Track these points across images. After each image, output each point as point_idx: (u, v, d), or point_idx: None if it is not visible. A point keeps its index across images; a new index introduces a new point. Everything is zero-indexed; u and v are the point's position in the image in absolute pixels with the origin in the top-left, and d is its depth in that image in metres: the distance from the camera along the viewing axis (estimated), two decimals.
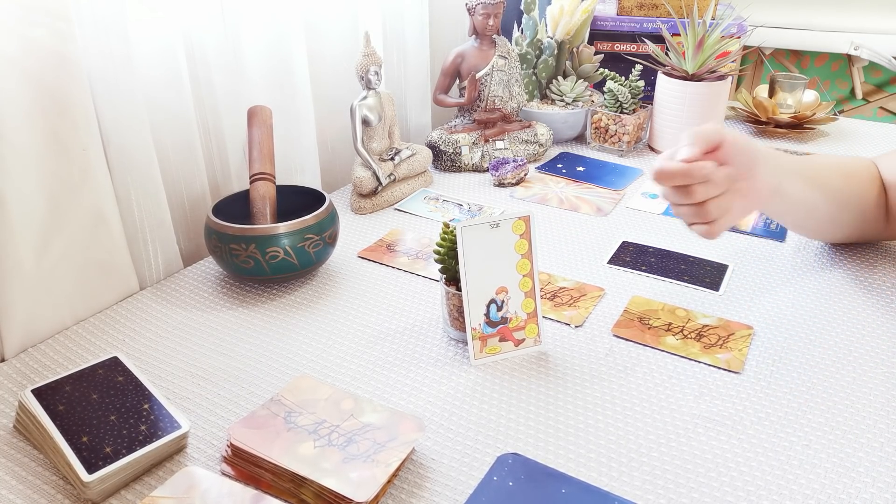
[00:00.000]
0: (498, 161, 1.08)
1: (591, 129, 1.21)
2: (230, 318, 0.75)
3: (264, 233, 0.75)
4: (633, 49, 1.34)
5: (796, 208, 0.75)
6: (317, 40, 1.02)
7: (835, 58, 2.13)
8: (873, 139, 1.25)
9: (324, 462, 0.52)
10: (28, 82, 0.65)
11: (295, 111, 0.97)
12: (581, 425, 0.60)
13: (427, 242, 0.90)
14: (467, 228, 0.65)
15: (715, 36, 1.09)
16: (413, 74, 1.20)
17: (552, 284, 0.80)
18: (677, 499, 0.53)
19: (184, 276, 0.83)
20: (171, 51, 0.80)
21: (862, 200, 0.80)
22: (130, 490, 0.54)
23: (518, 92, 1.13)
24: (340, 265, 0.86)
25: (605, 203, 1.01)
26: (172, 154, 0.84)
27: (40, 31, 0.65)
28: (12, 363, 0.68)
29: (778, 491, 0.53)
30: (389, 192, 1.01)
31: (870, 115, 2.15)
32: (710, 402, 0.62)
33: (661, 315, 0.75)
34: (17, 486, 0.54)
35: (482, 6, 1.05)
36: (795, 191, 0.72)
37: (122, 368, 0.62)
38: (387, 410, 0.58)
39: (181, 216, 0.88)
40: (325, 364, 0.68)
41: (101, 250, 0.75)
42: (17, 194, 0.65)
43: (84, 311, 0.75)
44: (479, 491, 0.53)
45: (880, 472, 0.55)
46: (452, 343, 0.71)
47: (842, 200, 0.78)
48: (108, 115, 0.73)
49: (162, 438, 0.55)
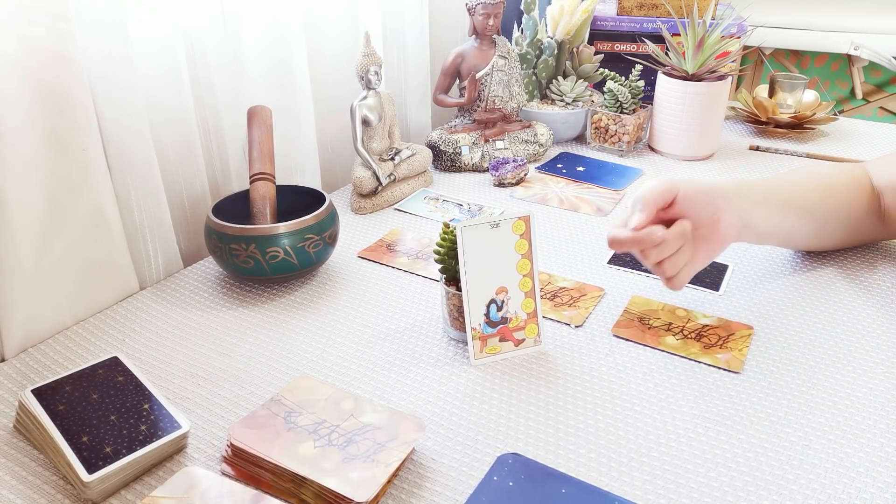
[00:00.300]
0: (498, 161, 1.08)
1: (591, 129, 1.21)
2: (230, 318, 0.75)
3: (264, 233, 0.75)
4: (633, 49, 1.34)
5: (772, 236, 0.76)
6: (317, 40, 1.02)
7: (835, 58, 2.13)
8: (873, 139, 1.25)
9: (324, 462, 0.52)
10: (28, 82, 0.65)
11: (295, 111, 0.97)
12: (581, 425, 0.60)
13: (427, 242, 0.90)
14: (467, 228, 0.65)
15: (715, 36, 1.09)
16: (413, 74, 1.20)
17: (552, 284, 0.80)
18: (677, 499, 0.53)
19: (184, 276, 0.83)
20: (171, 51, 0.80)
21: (848, 211, 0.79)
22: (130, 490, 0.54)
23: (518, 92, 1.13)
24: (340, 265, 0.86)
25: (605, 203, 1.01)
26: (172, 154, 0.84)
27: (40, 31, 0.65)
28: (12, 363, 0.68)
29: (778, 491, 0.53)
30: (389, 192, 1.01)
31: (870, 115, 2.15)
32: (710, 402, 0.62)
33: (661, 315, 0.75)
34: (17, 486, 0.54)
35: (482, 6, 1.05)
36: (767, 221, 0.73)
37: (122, 368, 0.62)
38: (387, 410, 0.58)
39: (181, 216, 0.88)
40: (325, 364, 0.68)
41: (101, 250, 0.75)
42: (17, 194, 0.65)
43: (84, 311, 0.75)
44: (479, 491, 0.53)
45: (880, 472, 0.55)
46: (452, 343, 0.71)
47: (822, 216, 0.78)
48: (108, 115, 0.73)
49: (162, 438, 0.55)
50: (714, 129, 1.16)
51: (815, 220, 0.77)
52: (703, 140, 1.16)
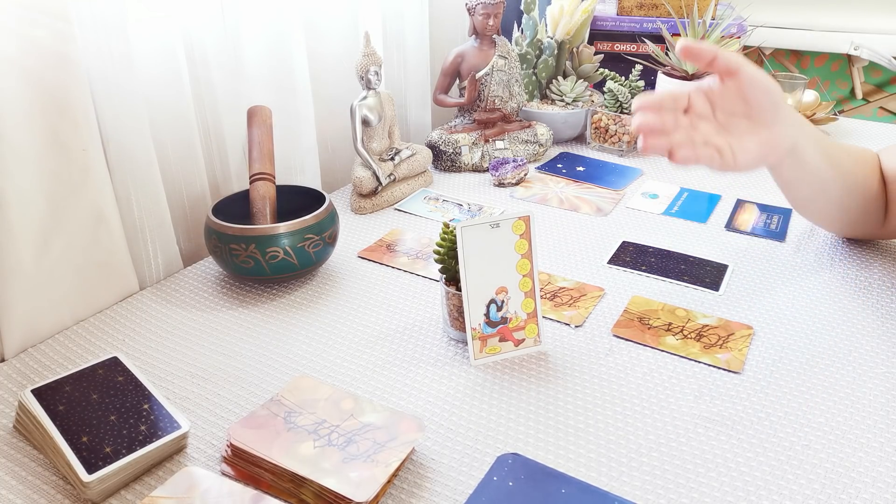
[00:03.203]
0: (498, 161, 1.08)
1: (591, 129, 1.21)
2: (230, 318, 0.75)
3: (264, 233, 0.75)
4: (633, 49, 1.34)
5: (810, 178, 0.74)
6: (317, 40, 1.02)
7: (835, 58, 2.13)
8: (873, 139, 1.25)
9: (324, 462, 0.52)
10: (28, 82, 0.65)
11: (295, 111, 0.97)
12: (581, 425, 0.60)
13: (427, 242, 0.90)
14: (467, 228, 0.65)
15: (715, 36, 1.09)
16: (413, 74, 1.20)
17: (552, 284, 0.80)
18: (677, 499, 0.53)
19: (184, 276, 0.83)
20: (171, 51, 0.80)
21: (867, 188, 0.79)
22: (130, 490, 0.54)
23: (518, 92, 1.13)
24: (340, 265, 0.86)
25: (605, 203, 1.01)
26: (172, 154, 0.84)
27: (40, 31, 0.65)
28: (12, 363, 0.68)
29: (778, 491, 0.53)
30: (389, 192, 1.01)
31: (870, 115, 2.15)
32: (710, 402, 0.62)
33: (661, 315, 0.75)
34: (17, 486, 0.54)
35: (482, 6, 1.05)
36: (812, 158, 0.71)
37: (122, 368, 0.62)
38: (387, 410, 0.58)
39: (181, 216, 0.88)
40: (325, 364, 0.68)
41: (101, 250, 0.75)
42: (17, 194, 0.65)
43: (84, 311, 0.75)
44: (479, 491, 0.53)
45: (880, 472, 0.55)
46: (452, 343, 0.71)
47: (851, 183, 0.77)
48: (108, 115, 0.73)
49: (162, 438, 0.55)
50: None
51: (844, 185, 0.77)
52: None
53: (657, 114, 0.62)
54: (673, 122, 0.63)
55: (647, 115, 0.62)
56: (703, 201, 1.02)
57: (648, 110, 0.62)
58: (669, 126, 0.63)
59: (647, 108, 0.62)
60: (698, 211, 0.99)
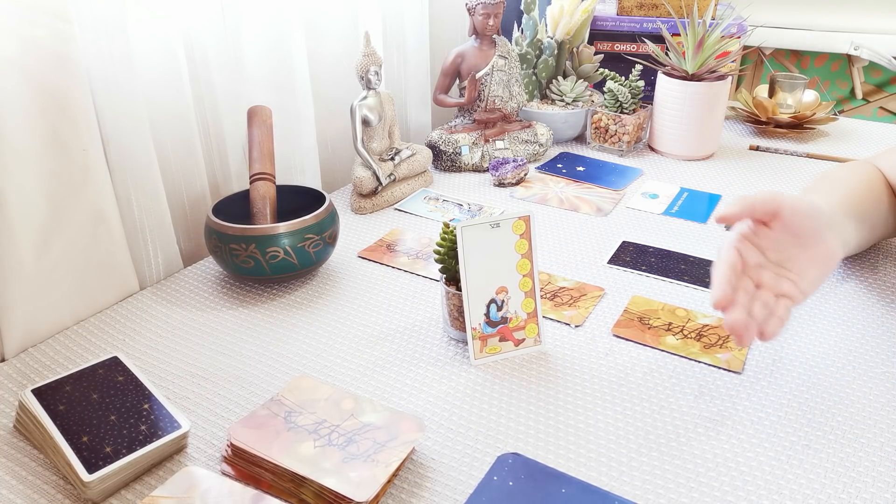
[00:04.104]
0: (498, 161, 1.08)
1: (591, 129, 1.21)
2: (230, 318, 0.75)
3: (264, 233, 0.75)
4: (633, 49, 1.34)
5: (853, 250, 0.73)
6: (317, 40, 1.02)
7: (835, 58, 2.13)
8: (873, 139, 1.25)
9: (324, 462, 0.52)
10: (28, 82, 0.65)
11: (295, 111, 0.97)
12: (581, 425, 0.60)
13: (427, 242, 0.90)
14: (467, 228, 0.65)
15: (715, 36, 1.10)
16: (413, 74, 1.20)
17: (552, 284, 0.80)
18: (677, 499, 0.53)
19: (184, 276, 0.83)
20: (171, 51, 0.80)
21: (887, 211, 0.79)
22: (130, 490, 0.54)
23: (518, 92, 1.13)
24: (340, 265, 0.86)
25: (605, 203, 1.01)
26: (172, 154, 0.84)
27: (40, 31, 0.65)
28: (12, 363, 0.68)
29: (778, 491, 0.53)
30: (389, 192, 1.01)
31: (870, 115, 2.15)
32: (710, 402, 0.62)
33: (661, 315, 0.75)
34: (17, 486, 0.54)
35: (482, 6, 1.05)
36: (854, 236, 0.69)
37: (122, 368, 0.62)
38: (387, 410, 0.58)
39: (181, 216, 0.88)
40: (325, 364, 0.68)
41: (101, 250, 0.75)
42: (17, 194, 0.65)
43: (84, 311, 0.75)
44: (479, 491, 0.53)
45: (880, 472, 0.55)
46: (452, 343, 0.71)
47: (874, 221, 0.76)
48: (108, 115, 0.73)
49: (162, 438, 0.55)
50: (714, 129, 1.16)
51: (871, 227, 0.76)
52: (703, 140, 1.16)
53: (737, 300, 0.57)
54: (747, 298, 0.57)
55: (734, 312, 0.56)
56: (703, 201, 1.02)
57: (729, 303, 0.56)
58: (748, 305, 0.58)
59: (726, 302, 0.56)
60: (698, 211, 0.99)
